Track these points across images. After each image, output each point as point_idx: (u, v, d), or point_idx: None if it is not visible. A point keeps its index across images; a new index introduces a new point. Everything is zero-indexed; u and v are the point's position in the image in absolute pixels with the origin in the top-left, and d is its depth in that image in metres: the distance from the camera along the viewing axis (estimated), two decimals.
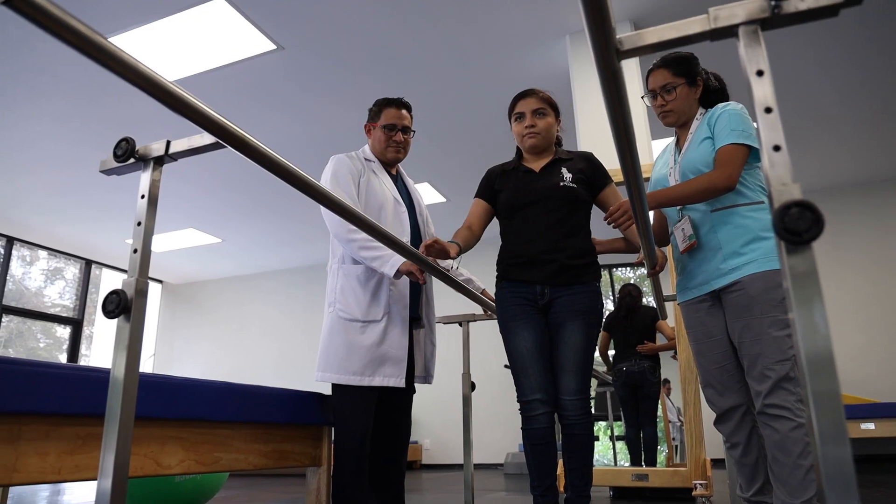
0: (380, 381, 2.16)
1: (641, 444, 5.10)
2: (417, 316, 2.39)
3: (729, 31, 0.82)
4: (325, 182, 2.28)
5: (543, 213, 2.16)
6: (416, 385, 2.43)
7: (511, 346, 2.14)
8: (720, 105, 1.96)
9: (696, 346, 2.05)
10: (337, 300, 2.27)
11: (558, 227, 2.14)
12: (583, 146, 3.97)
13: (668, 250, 2.40)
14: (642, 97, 2.18)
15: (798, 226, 0.71)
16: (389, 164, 2.47)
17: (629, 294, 5.22)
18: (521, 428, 2.10)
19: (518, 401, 2.11)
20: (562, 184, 2.17)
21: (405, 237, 2.30)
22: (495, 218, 2.35)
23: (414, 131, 2.49)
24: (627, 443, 5.36)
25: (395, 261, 2.12)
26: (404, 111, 2.45)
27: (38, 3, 0.73)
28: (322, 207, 2.28)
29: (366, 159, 2.41)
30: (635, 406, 5.13)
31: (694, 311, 2.04)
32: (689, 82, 2.03)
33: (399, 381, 2.18)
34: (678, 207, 2.05)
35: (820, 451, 0.69)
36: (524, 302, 2.14)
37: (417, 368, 2.38)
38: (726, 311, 1.92)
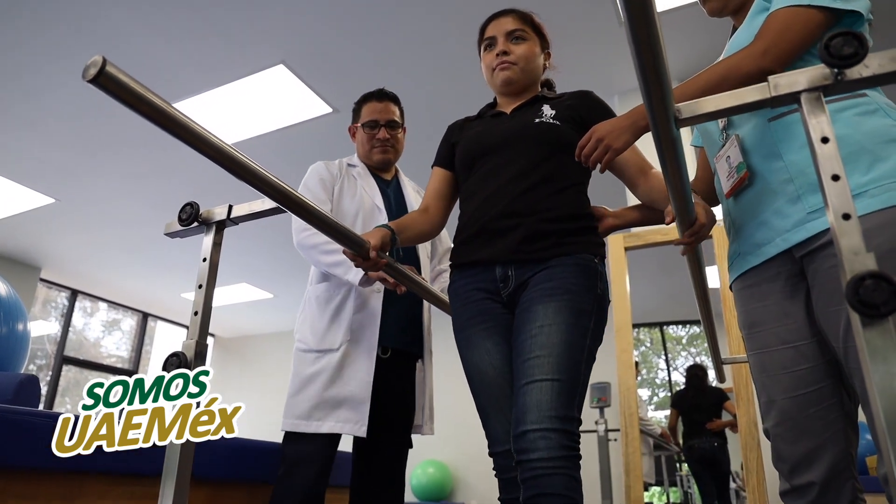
0: (331, 426, 1.69)
1: None
2: (417, 352, 1.95)
3: (790, 99, 0.81)
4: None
5: (509, 160, 1.48)
6: (423, 437, 1.99)
7: (469, 365, 1.42)
8: None
9: (759, 358, 1.24)
10: (297, 330, 1.94)
11: (527, 177, 1.44)
12: None
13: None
14: None
15: (874, 298, 0.68)
16: (380, 169, 2.09)
17: (696, 374, 5.52)
18: (499, 500, 1.39)
19: (490, 454, 1.39)
20: (537, 120, 1.50)
21: None
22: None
23: (404, 128, 2.10)
24: None
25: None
26: (389, 103, 2.06)
27: (123, 81, 0.77)
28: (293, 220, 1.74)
29: (348, 165, 2.08)
30: (709, 481, 5.37)
31: (752, 289, 1.26)
32: None
33: (358, 429, 1.69)
34: (720, 127, 1.32)
35: None
36: (482, 295, 1.43)
37: (419, 416, 1.92)
38: (814, 288, 1.14)
